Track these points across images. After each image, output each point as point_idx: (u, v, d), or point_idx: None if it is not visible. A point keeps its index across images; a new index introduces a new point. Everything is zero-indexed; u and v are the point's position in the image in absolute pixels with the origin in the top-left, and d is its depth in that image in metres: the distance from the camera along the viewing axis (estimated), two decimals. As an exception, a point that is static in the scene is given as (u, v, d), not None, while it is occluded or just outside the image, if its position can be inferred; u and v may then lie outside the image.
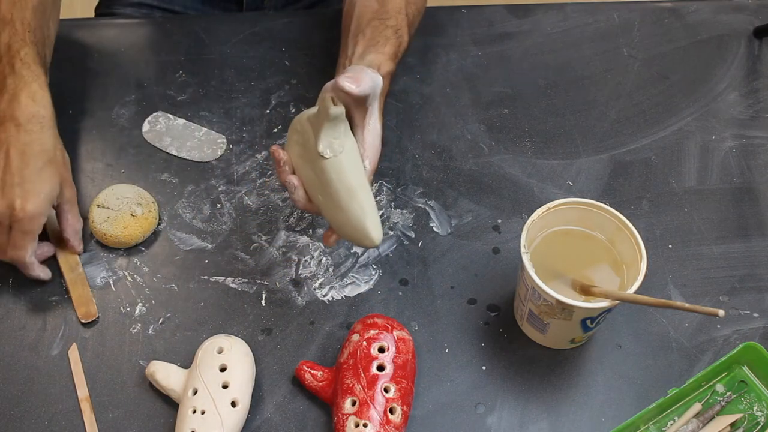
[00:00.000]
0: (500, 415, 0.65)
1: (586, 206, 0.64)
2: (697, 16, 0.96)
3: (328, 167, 0.59)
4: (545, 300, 0.60)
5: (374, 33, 0.70)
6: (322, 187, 0.60)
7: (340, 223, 0.61)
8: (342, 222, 0.61)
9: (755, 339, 0.69)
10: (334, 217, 0.61)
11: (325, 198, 0.61)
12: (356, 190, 0.60)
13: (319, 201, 0.62)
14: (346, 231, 0.61)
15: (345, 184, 0.59)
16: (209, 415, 0.60)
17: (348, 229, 0.61)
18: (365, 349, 0.63)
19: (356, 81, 0.58)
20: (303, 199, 0.63)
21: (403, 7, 0.75)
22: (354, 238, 0.61)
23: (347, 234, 0.61)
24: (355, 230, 0.60)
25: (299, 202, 0.63)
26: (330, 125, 0.59)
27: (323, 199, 0.61)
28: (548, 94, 0.88)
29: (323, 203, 0.62)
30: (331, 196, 0.60)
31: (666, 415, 0.64)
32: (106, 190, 0.75)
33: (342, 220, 0.61)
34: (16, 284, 0.72)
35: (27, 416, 0.64)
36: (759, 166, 0.82)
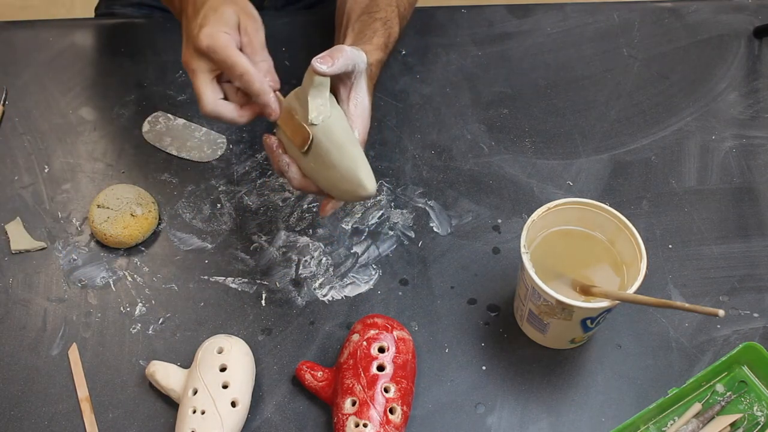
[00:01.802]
0: (500, 415, 0.65)
1: (586, 206, 0.64)
2: (697, 16, 0.96)
3: (317, 131, 0.60)
4: (545, 300, 0.60)
5: (363, 27, 0.71)
6: (314, 155, 0.61)
7: (333, 182, 0.61)
8: (335, 180, 0.61)
9: (755, 339, 0.69)
10: (327, 179, 0.61)
11: (317, 162, 0.61)
12: (346, 146, 0.60)
13: (311, 169, 0.62)
14: (340, 188, 0.61)
15: (335, 142, 0.60)
16: (209, 415, 0.60)
17: (343, 184, 0.61)
18: (365, 349, 0.63)
19: (329, 60, 0.60)
20: (297, 175, 0.63)
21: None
22: (349, 192, 0.61)
23: (342, 191, 0.61)
24: (350, 183, 0.60)
25: (294, 180, 0.64)
26: (315, 92, 0.60)
27: (315, 165, 0.61)
28: (548, 94, 0.88)
29: (315, 170, 0.62)
30: (322, 158, 0.61)
31: (666, 415, 0.64)
32: (106, 190, 0.75)
33: (335, 177, 0.61)
34: (17, 284, 0.72)
35: (27, 416, 0.64)
36: (759, 166, 0.82)
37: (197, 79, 0.62)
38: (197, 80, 0.62)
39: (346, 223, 0.77)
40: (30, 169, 0.80)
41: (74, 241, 0.75)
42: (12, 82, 0.86)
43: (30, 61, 0.89)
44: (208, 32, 0.60)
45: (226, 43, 0.61)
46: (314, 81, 0.60)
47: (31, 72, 0.88)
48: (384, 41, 0.71)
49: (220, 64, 0.61)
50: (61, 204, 0.77)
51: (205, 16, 0.62)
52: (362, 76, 0.64)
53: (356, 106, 0.64)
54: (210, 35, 0.60)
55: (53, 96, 0.86)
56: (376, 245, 0.75)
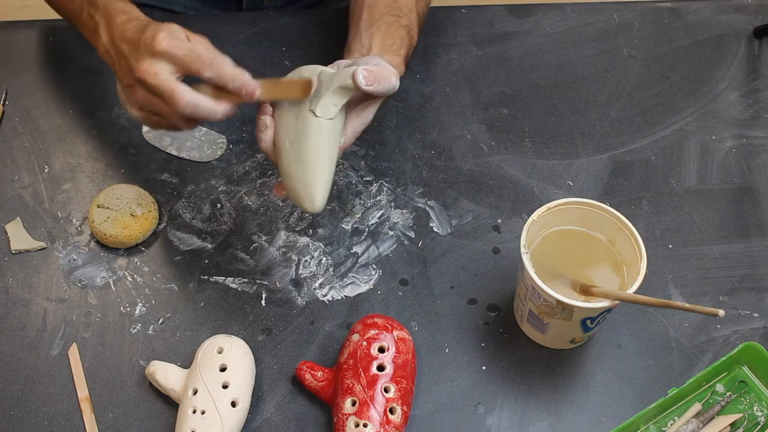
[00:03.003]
0: (500, 415, 0.65)
1: (586, 206, 0.64)
2: (697, 16, 0.96)
3: (312, 124, 0.61)
4: (545, 300, 0.60)
5: (389, 31, 0.71)
6: (296, 136, 0.61)
7: (293, 177, 0.62)
8: (296, 176, 0.62)
9: (755, 339, 0.69)
10: (290, 169, 0.62)
11: (293, 147, 0.62)
12: (324, 156, 0.61)
13: (285, 148, 0.62)
14: (295, 186, 0.62)
15: (319, 144, 0.61)
16: (209, 415, 0.60)
17: (299, 185, 0.62)
18: (365, 349, 0.63)
19: (373, 80, 0.60)
20: (269, 141, 0.64)
21: (414, 3, 0.75)
22: (299, 196, 0.62)
23: (295, 189, 0.62)
24: (305, 189, 0.61)
25: (263, 143, 0.64)
26: (340, 92, 0.61)
27: (290, 147, 0.62)
28: (548, 94, 0.88)
29: (287, 151, 0.62)
30: (300, 148, 0.61)
31: (666, 415, 0.64)
32: (106, 190, 0.75)
33: (298, 175, 0.61)
34: (17, 284, 0.72)
35: (27, 416, 0.64)
36: (759, 166, 0.82)
37: (162, 79, 0.59)
38: (163, 80, 0.59)
39: (346, 223, 0.77)
40: (30, 169, 0.80)
41: (74, 241, 0.75)
42: (12, 82, 0.86)
43: (30, 61, 0.89)
44: (165, 34, 0.59)
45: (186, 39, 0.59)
46: (345, 83, 0.60)
47: (31, 72, 0.88)
48: (407, 53, 0.72)
49: (184, 58, 0.58)
50: (61, 204, 0.77)
51: (154, 27, 0.60)
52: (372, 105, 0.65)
53: (358, 117, 0.64)
54: (169, 35, 0.59)
55: (53, 96, 0.86)
56: (376, 245, 0.75)
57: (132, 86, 0.61)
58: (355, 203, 0.78)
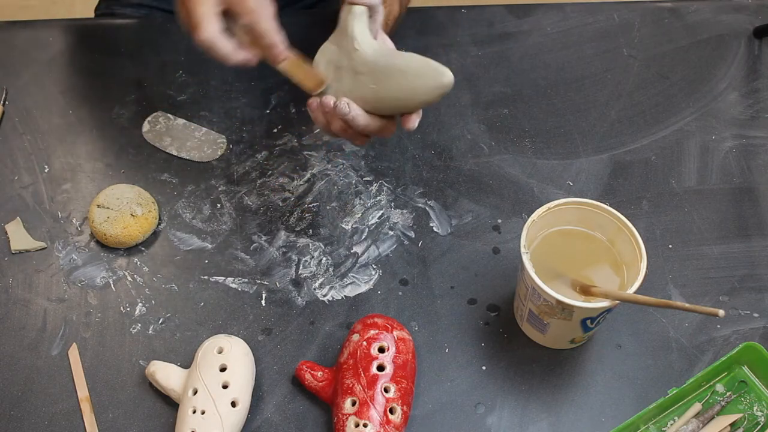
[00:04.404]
0: (500, 415, 0.65)
1: (586, 206, 0.64)
2: (697, 16, 0.96)
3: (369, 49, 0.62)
4: (545, 300, 0.60)
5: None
6: (371, 73, 0.62)
7: (408, 84, 0.61)
8: (411, 80, 0.60)
9: (755, 339, 0.69)
10: (399, 87, 0.61)
11: (380, 78, 0.61)
12: (401, 54, 0.62)
13: (374, 91, 0.62)
14: (419, 86, 0.61)
15: (392, 54, 0.63)
16: (209, 415, 0.60)
17: (420, 80, 0.60)
18: (365, 349, 0.63)
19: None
20: (361, 112, 0.62)
21: None
22: (430, 85, 0.60)
23: (421, 86, 0.61)
24: (427, 76, 0.60)
25: (359, 118, 0.61)
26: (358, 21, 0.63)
27: (377, 84, 0.61)
28: (548, 94, 0.88)
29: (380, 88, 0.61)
30: (386, 69, 0.61)
31: (666, 415, 0.64)
32: (106, 190, 0.75)
33: (408, 78, 0.61)
34: (17, 284, 0.72)
35: (27, 416, 0.64)
36: (759, 166, 0.82)
37: (201, 5, 0.58)
38: (201, 7, 0.58)
39: (346, 223, 0.77)
40: (30, 169, 0.80)
41: (74, 241, 0.75)
42: (12, 82, 0.86)
43: (30, 61, 0.89)
44: None
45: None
46: (354, 12, 0.63)
47: (31, 72, 0.88)
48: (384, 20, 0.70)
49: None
50: (61, 204, 0.77)
51: None
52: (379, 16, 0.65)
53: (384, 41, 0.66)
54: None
55: (53, 96, 0.86)
56: (376, 245, 0.75)
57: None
58: (355, 203, 0.78)
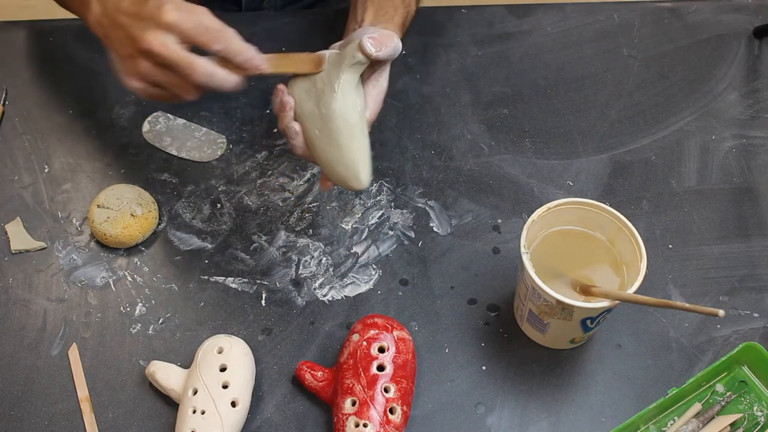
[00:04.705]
0: (500, 415, 0.65)
1: (586, 206, 0.64)
2: (697, 16, 0.96)
3: (336, 104, 0.61)
4: (545, 300, 0.60)
5: (382, 2, 0.71)
6: (323, 122, 0.62)
7: (332, 161, 0.62)
8: (335, 160, 0.62)
9: (755, 339, 0.69)
10: (327, 155, 0.62)
11: (323, 134, 0.62)
12: (356, 133, 0.62)
13: (315, 137, 0.62)
14: (337, 170, 0.62)
15: (348, 122, 0.61)
16: (209, 415, 0.60)
17: (340, 168, 0.62)
18: (365, 349, 0.63)
19: (379, 45, 0.61)
20: (302, 144, 0.64)
21: None
22: (344, 177, 0.62)
23: (337, 173, 0.62)
24: (347, 169, 0.62)
25: (297, 148, 0.64)
26: (350, 70, 0.61)
27: (320, 134, 0.62)
28: (548, 94, 0.88)
29: (319, 139, 0.62)
30: (331, 132, 0.61)
31: (666, 415, 0.64)
32: (106, 190, 0.75)
33: (336, 157, 0.62)
34: (17, 284, 0.72)
35: (27, 416, 0.64)
36: (759, 166, 0.82)
37: (173, 49, 0.57)
38: (174, 50, 0.57)
39: (346, 223, 0.77)
40: (30, 169, 0.80)
41: (74, 241, 0.75)
42: (12, 82, 0.86)
43: (30, 61, 0.89)
44: (171, 6, 0.57)
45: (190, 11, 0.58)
46: (355, 58, 0.61)
47: (31, 72, 0.88)
48: (403, 20, 0.72)
49: (191, 31, 0.57)
50: (61, 204, 0.77)
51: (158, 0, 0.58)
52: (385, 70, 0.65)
53: (375, 87, 0.65)
54: (174, 7, 0.57)
55: (53, 96, 0.86)
56: (376, 245, 0.75)
57: (133, 57, 0.59)
58: (355, 203, 0.78)
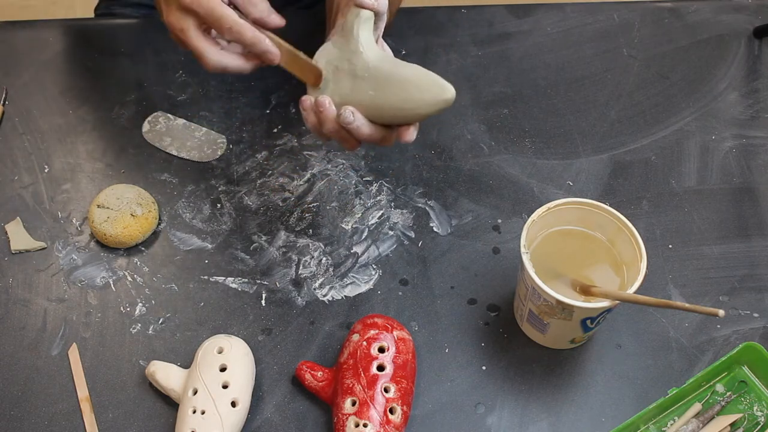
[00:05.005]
0: (500, 415, 0.65)
1: (586, 206, 0.64)
2: (697, 16, 0.96)
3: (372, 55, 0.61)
4: (545, 300, 0.60)
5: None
6: (371, 79, 0.61)
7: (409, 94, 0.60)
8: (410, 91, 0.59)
9: (755, 339, 0.69)
10: (398, 96, 0.60)
11: (381, 86, 0.60)
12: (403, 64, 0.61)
13: (372, 98, 0.61)
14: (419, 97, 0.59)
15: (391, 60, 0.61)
16: (209, 415, 0.60)
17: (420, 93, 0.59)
18: (365, 349, 0.63)
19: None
20: (364, 121, 0.61)
21: None
22: (431, 98, 0.59)
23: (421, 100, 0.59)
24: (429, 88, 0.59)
25: (363, 128, 0.61)
26: (364, 26, 0.62)
27: (377, 91, 0.60)
28: (548, 94, 0.88)
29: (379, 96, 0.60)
30: (387, 78, 0.60)
31: (666, 415, 0.64)
32: (106, 190, 0.75)
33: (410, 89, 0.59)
34: (17, 284, 0.72)
35: (27, 416, 0.64)
36: (759, 166, 0.82)
37: (190, 36, 0.60)
38: (191, 38, 0.60)
39: (346, 223, 0.77)
40: (30, 169, 0.80)
41: (74, 241, 0.75)
42: (12, 82, 0.86)
43: (30, 61, 0.89)
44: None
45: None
46: (361, 16, 0.61)
47: (31, 72, 0.88)
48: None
49: (206, 17, 0.59)
50: (61, 204, 0.77)
51: None
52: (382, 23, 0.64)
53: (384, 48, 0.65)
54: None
55: (53, 96, 0.86)
56: (376, 245, 0.75)
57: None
58: (355, 203, 0.78)
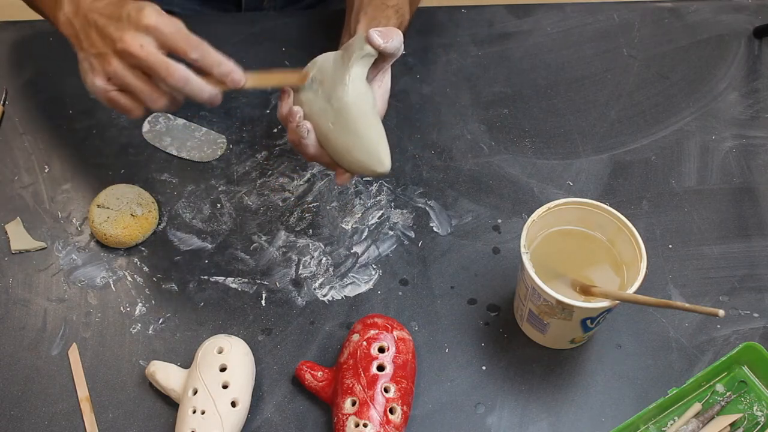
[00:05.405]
0: (500, 415, 0.65)
1: (586, 206, 0.64)
2: (697, 16, 0.96)
3: (350, 95, 0.61)
4: (545, 300, 0.60)
5: (376, 12, 0.71)
6: (337, 116, 0.61)
7: (352, 150, 0.61)
8: (355, 148, 0.61)
9: (755, 339, 0.69)
10: (345, 145, 0.62)
11: (338, 126, 0.61)
12: (371, 118, 0.61)
13: (329, 131, 0.62)
14: (358, 158, 0.61)
15: (363, 110, 0.61)
16: (209, 415, 0.60)
17: (361, 155, 0.61)
18: (365, 349, 0.63)
19: (386, 37, 0.60)
20: (314, 143, 0.63)
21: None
22: (366, 164, 0.62)
23: (358, 161, 0.62)
24: (369, 155, 0.61)
25: (310, 148, 0.63)
26: (361, 62, 0.61)
27: (335, 127, 0.61)
28: (548, 94, 0.88)
29: (334, 132, 0.62)
30: (347, 122, 0.61)
31: (666, 415, 0.64)
32: (106, 190, 0.75)
33: (356, 145, 0.61)
34: (17, 284, 0.72)
35: (27, 416, 0.64)
36: (759, 166, 0.82)
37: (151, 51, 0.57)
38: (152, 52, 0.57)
39: (346, 223, 0.77)
40: (30, 169, 0.80)
41: (74, 241, 0.75)
42: (12, 82, 0.86)
43: (30, 61, 0.89)
44: (152, 10, 0.57)
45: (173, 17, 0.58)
46: (364, 50, 0.60)
47: (31, 72, 0.88)
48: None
49: (171, 36, 0.57)
50: (61, 204, 0.77)
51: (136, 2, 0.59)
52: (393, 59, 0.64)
53: (380, 87, 0.65)
54: (156, 11, 0.57)
55: (53, 96, 0.86)
56: (376, 245, 0.75)
57: (105, 56, 0.59)
58: (355, 203, 0.78)
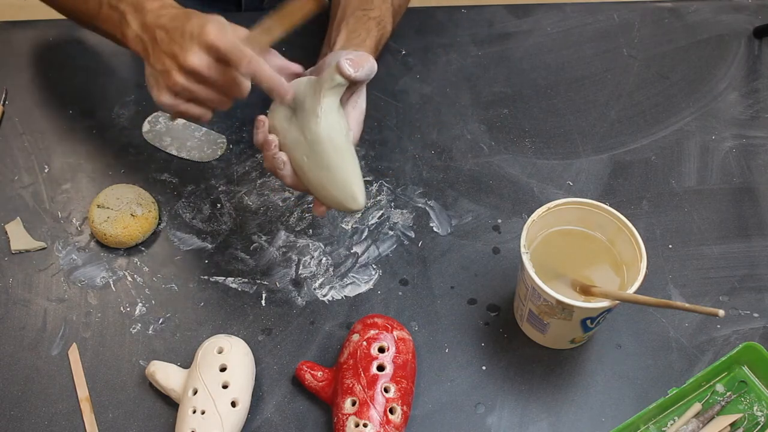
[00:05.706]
0: (500, 415, 0.65)
1: (586, 206, 0.64)
2: (697, 16, 0.96)
3: (321, 127, 0.61)
4: (545, 300, 0.60)
5: (357, 24, 0.71)
6: (310, 148, 0.61)
7: (325, 184, 0.62)
8: (328, 183, 0.62)
9: (755, 339, 0.69)
10: (318, 179, 0.62)
11: (312, 159, 0.61)
12: (346, 154, 0.61)
13: (304, 164, 0.62)
14: (331, 193, 0.62)
15: (337, 147, 0.61)
16: (209, 415, 0.60)
17: (334, 190, 0.62)
18: (365, 349, 0.63)
19: (356, 66, 0.61)
20: (291, 173, 0.64)
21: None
22: (339, 199, 0.62)
23: (332, 196, 0.62)
24: (342, 191, 0.62)
25: (287, 178, 0.64)
26: (331, 92, 0.61)
27: (308, 160, 0.62)
28: (548, 94, 0.88)
29: (308, 165, 0.62)
30: (319, 156, 0.61)
31: (666, 415, 0.64)
32: (106, 190, 0.75)
33: (328, 180, 0.61)
34: (17, 284, 0.72)
35: (27, 416, 0.64)
36: (759, 166, 0.82)
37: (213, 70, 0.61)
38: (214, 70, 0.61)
39: (346, 223, 0.77)
40: (30, 169, 0.80)
41: (74, 241, 0.75)
42: (12, 82, 0.86)
43: (30, 61, 0.89)
44: (213, 26, 0.60)
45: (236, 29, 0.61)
46: (334, 80, 0.61)
47: (31, 72, 0.88)
48: (376, 43, 0.72)
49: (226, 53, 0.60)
50: (61, 204, 0.77)
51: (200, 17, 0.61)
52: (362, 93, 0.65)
53: (355, 108, 0.65)
54: (218, 26, 0.60)
55: (53, 96, 0.86)
56: (376, 245, 0.75)
57: (169, 73, 0.61)
58: (355, 203, 0.78)
